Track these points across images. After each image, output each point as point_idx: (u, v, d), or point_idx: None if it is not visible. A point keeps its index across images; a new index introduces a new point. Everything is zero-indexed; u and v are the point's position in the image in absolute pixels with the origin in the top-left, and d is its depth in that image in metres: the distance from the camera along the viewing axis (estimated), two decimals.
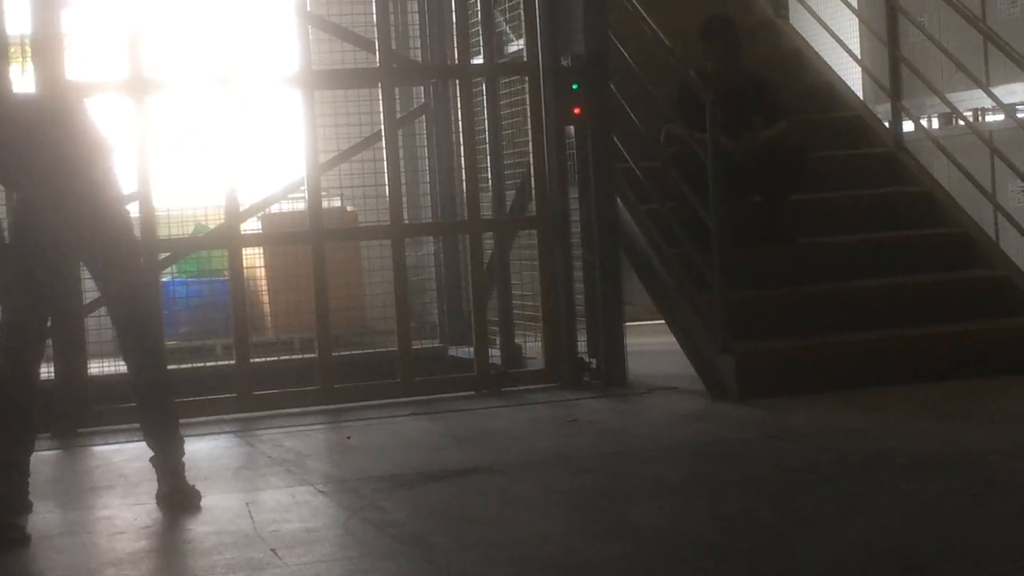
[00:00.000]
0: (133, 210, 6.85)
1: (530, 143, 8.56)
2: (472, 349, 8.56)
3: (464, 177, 8.67)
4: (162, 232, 8.41)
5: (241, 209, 8.39)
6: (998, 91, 9.18)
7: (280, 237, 9.50)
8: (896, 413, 6.98)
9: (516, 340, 8.81)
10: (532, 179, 8.60)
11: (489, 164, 8.68)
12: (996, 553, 4.51)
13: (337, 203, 10.23)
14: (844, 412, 7.06)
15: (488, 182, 8.72)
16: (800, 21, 10.54)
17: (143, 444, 6.01)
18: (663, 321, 8.46)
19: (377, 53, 8.54)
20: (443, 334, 9.88)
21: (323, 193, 8.62)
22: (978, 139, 9.36)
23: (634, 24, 8.60)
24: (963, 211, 8.83)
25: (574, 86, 8.30)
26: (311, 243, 8.28)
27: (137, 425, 6.18)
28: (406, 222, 8.88)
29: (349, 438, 7.15)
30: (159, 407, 5.89)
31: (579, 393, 8.14)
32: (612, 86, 8.36)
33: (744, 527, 5.09)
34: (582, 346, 8.44)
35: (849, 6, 10.14)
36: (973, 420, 6.79)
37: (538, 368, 8.57)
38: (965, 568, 4.37)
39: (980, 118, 10.39)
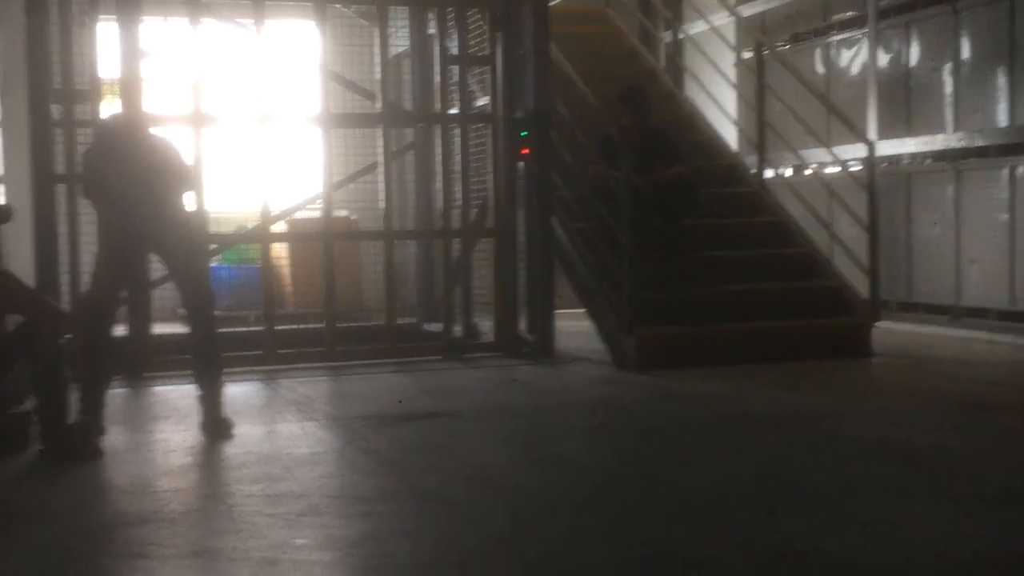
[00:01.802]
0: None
1: (490, 174, 8.53)
2: (441, 325, 8.52)
3: (440, 197, 8.62)
4: (212, 229, 8.32)
5: (272, 214, 8.31)
6: (836, 149, 9.24)
7: (300, 236, 9.42)
8: (757, 384, 6.99)
9: (474, 320, 8.77)
10: (491, 201, 8.57)
11: (460, 189, 8.64)
12: (828, 486, 4.53)
13: (344, 213, 10.16)
14: (719, 381, 7.06)
15: (458, 202, 8.68)
16: (693, 92, 10.57)
17: (192, 386, 5.95)
18: (584, 310, 8.45)
19: (379, 102, 8.48)
20: (420, 313, 9.84)
21: (334, 205, 8.55)
22: (820, 184, 9.42)
23: (573, 89, 8.58)
24: (808, 236, 8.86)
25: (524, 133, 8.28)
26: (323, 242, 8.21)
27: (188, 372, 6.12)
28: (395, 229, 8.81)
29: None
30: (209, 358, 5.84)
31: (519, 361, 8.11)
32: (553, 134, 8.34)
33: (639, 463, 5.08)
34: (523, 326, 8.42)
35: (728, 81, 10.18)
36: (814, 390, 6.81)
37: (489, 341, 8.54)
38: (804, 496, 4.39)
39: (823, 169, 10.43)
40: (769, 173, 9.53)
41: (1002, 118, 8.71)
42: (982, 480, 4.55)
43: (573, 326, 8.91)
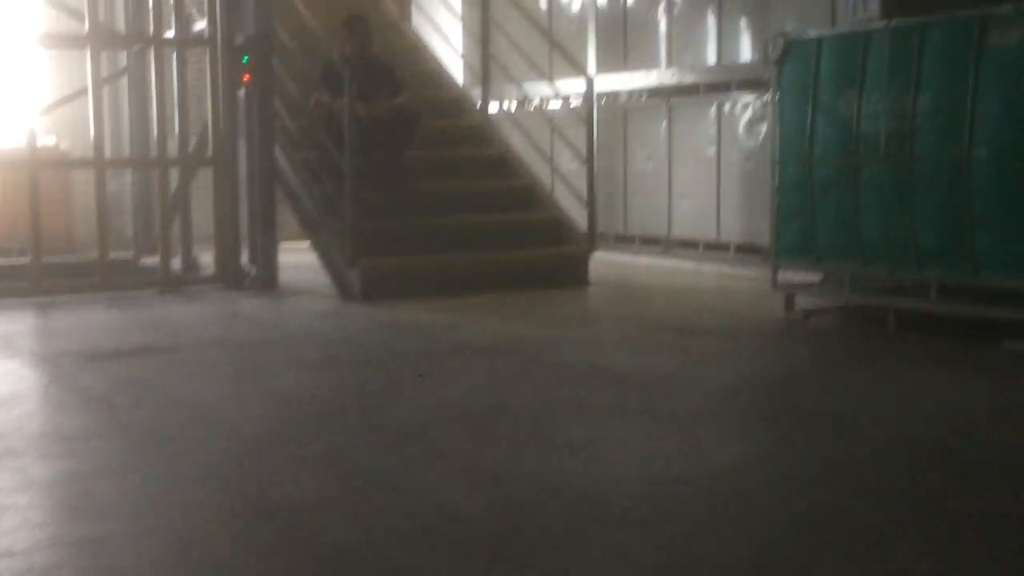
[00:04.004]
0: None
1: (209, 101, 8.22)
2: (158, 258, 8.20)
3: (156, 124, 8.25)
4: None
5: None
6: (558, 84, 9.39)
7: (1, 164, 8.81)
8: (477, 313, 7.08)
9: (193, 253, 8.48)
10: (210, 129, 8.26)
11: (177, 115, 8.29)
12: (535, 407, 4.63)
13: (53, 141, 9.58)
14: (440, 312, 7.11)
15: (176, 130, 8.33)
16: (420, 23, 10.51)
17: None
18: (309, 242, 8.32)
19: (86, 22, 8.00)
20: (137, 246, 9.43)
21: (41, 132, 8.04)
22: (543, 118, 9.59)
23: (296, 16, 8.36)
24: (529, 169, 9.02)
25: (244, 59, 8.02)
26: (28, 170, 7.71)
27: None
28: (108, 157, 8.37)
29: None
30: None
31: (241, 294, 7.92)
32: (275, 60, 8.11)
33: (359, 393, 5.06)
34: (244, 259, 8.21)
35: (454, 13, 10.17)
36: (532, 319, 6.96)
37: (210, 274, 8.29)
38: (515, 421, 4.47)
39: (545, 104, 10.62)
40: (494, 106, 9.61)
41: (711, 56, 9.09)
42: (684, 399, 4.78)
43: (299, 259, 8.76)
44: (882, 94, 6.19)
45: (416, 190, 8.38)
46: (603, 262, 9.01)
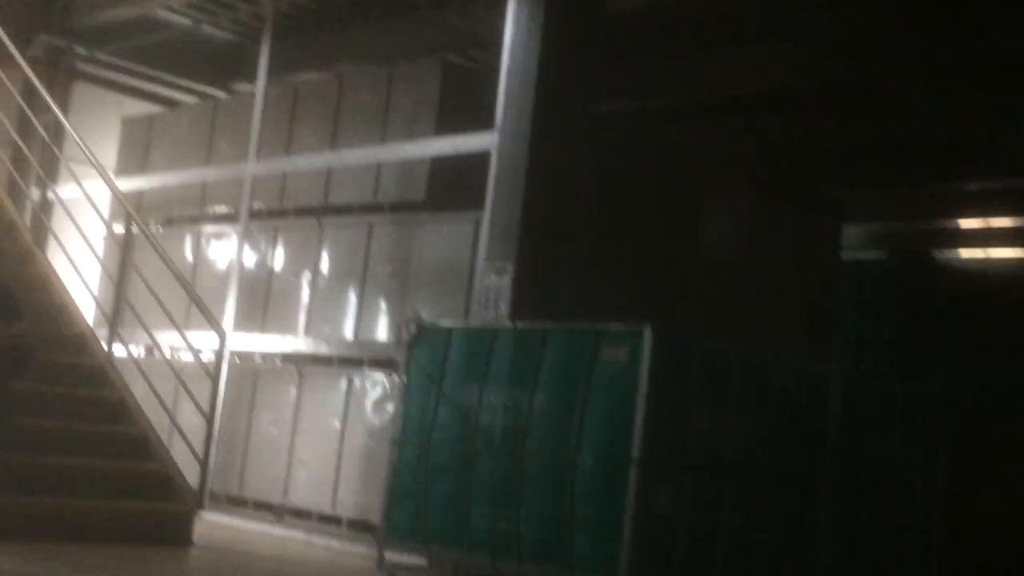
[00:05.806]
0: None
1: None
2: None
3: None
4: None
5: None
6: (194, 336, 9.19)
7: None
8: (65, 566, 6.47)
9: None
10: None
11: None
12: None
13: None
14: (19, 560, 6.46)
15: None
16: (57, 255, 10.08)
17: None
18: None
19: None
20: None
21: None
22: (171, 368, 9.30)
23: None
24: (147, 417, 8.60)
25: None
26: None
27: None
28: None
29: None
30: None
31: None
32: None
33: None
34: None
35: (93, 252, 9.87)
36: None
37: None
38: None
39: (175, 354, 10.32)
40: (120, 349, 9.23)
41: (348, 331, 9.23)
42: None
43: None
44: (503, 390, 6.45)
45: (17, 426, 7.76)
46: (213, 524, 8.62)
